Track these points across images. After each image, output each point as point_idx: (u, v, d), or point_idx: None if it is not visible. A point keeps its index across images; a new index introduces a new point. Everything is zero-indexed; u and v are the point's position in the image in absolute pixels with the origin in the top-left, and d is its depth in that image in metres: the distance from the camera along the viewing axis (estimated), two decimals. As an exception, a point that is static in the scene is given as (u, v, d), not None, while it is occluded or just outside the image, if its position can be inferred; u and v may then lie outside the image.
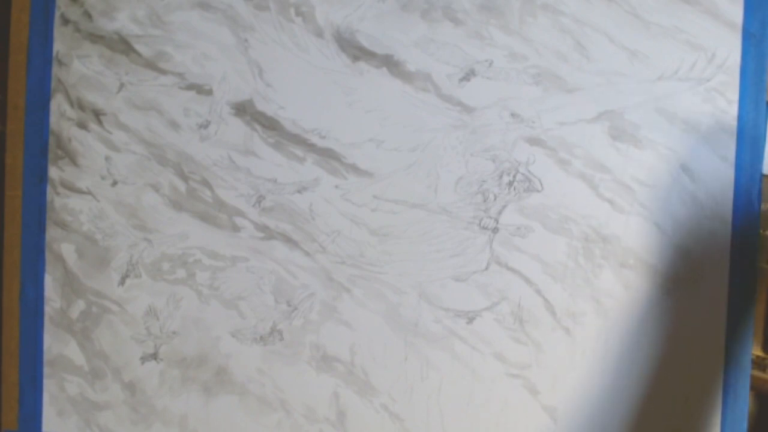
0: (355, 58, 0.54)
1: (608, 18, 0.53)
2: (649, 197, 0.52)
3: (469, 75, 0.53)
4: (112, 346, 0.56)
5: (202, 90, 0.55)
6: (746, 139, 0.52)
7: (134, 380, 0.56)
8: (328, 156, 0.54)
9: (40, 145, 0.56)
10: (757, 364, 0.57)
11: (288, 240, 0.54)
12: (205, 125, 0.55)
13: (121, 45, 0.55)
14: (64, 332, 0.56)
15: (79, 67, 0.56)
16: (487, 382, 0.53)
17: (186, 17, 0.55)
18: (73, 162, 0.56)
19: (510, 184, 0.53)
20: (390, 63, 0.54)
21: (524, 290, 0.53)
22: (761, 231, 0.53)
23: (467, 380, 0.54)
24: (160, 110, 0.55)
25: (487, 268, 0.53)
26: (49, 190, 0.56)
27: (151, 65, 0.55)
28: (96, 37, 0.56)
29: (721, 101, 0.52)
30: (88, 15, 0.56)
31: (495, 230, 0.53)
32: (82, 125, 0.56)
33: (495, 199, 0.53)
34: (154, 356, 0.56)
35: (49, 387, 0.56)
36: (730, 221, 0.52)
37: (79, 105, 0.56)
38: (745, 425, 0.52)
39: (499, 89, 0.53)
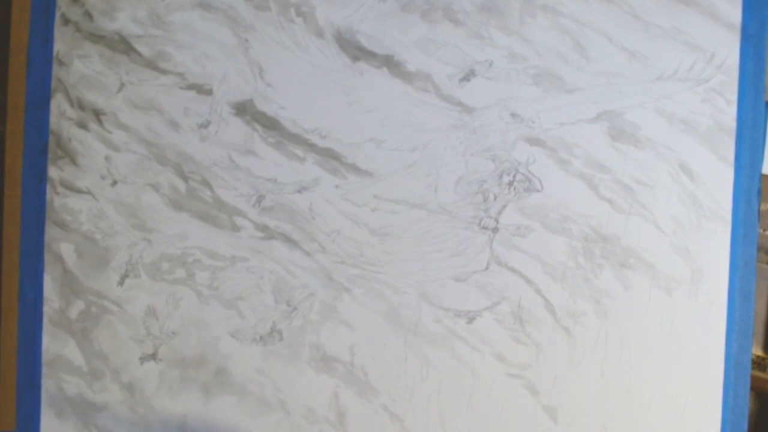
0: (356, 59, 0.54)
1: (607, 19, 0.53)
2: (649, 197, 0.52)
3: (469, 75, 0.53)
4: (111, 346, 0.56)
5: (202, 90, 0.55)
6: (745, 139, 0.52)
7: (133, 381, 0.56)
8: (328, 156, 0.54)
9: (40, 145, 0.56)
10: (757, 364, 0.57)
11: (288, 240, 0.54)
12: (205, 125, 0.55)
13: (122, 45, 0.55)
14: (63, 332, 0.56)
15: (79, 67, 0.56)
16: (487, 382, 0.53)
17: (187, 17, 0.55)
18: (73, 162, 0.56)
19: (510, 184, 0.53)
20: (390, 63, 0.54)
21: (524, 290, 0.53)
22: (761, 231, 0.54)
23: (467, 380, 0.54)
24: (160, 110, 0.55)
25: (487, 268, 0.53)
26: (48, 189, 0.56)
27: (151, 65, 0.55)
28: (96, 37, 0.56)
29: (720, 101, 0.52)
30: (88, 15, 0.56)
31: (495, 230, 0.53)
32: (82, 125, 0.56)
33: (495, 199, 0.53)
34: (154, 356, 0.55)
35: (47, 387, 0.56)
36: (730, 221, 0.52)
37: (79, 105, 0.56)
38: (745, 425, 0.52)
39: (499, 89, 0.53)
